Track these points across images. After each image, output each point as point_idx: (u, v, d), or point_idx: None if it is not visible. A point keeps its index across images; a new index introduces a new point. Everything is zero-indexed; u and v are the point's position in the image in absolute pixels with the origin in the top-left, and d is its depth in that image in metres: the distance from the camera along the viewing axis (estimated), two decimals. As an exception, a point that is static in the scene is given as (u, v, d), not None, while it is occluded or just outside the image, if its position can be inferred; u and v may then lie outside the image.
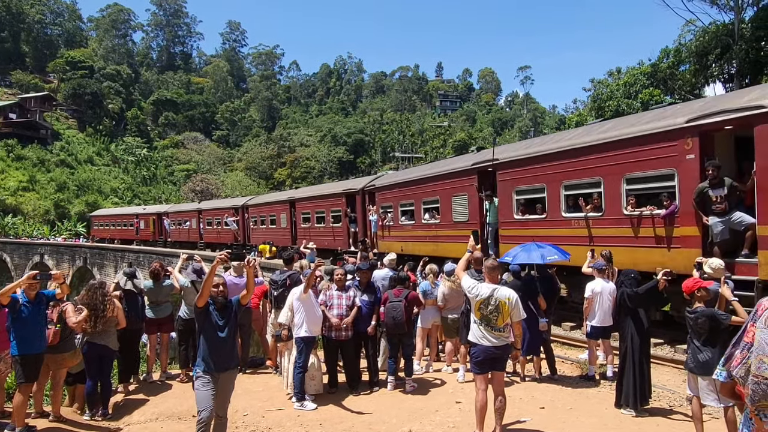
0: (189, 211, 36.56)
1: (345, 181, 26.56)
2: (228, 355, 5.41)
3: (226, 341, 5.35)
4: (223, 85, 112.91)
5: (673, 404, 6.83)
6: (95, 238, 48.20)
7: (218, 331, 5.32)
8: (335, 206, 21.36)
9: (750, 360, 2.77)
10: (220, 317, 5.38)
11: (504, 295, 5.52)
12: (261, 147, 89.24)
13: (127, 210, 49.60)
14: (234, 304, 5.53)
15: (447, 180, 15.02)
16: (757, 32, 26.34)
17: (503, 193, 12.78)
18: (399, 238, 17.38)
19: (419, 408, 6.87)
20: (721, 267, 6.36)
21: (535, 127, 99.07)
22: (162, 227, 38.44)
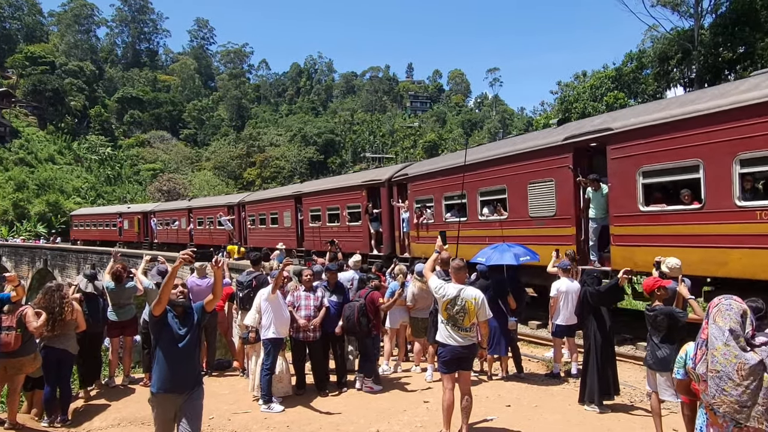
0: (178, 209, 33.55)
1: (366, 171, 22.50)
2: (190, 371, 4.64)
3: (187, 355, 4.58)
4: (190, 83, 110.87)
5: (634, 400, 7.01)
6: (75, 241, 44.32)
7: (177, 342, 4.53)
8: (353, 201, 18.00)
9: (706, 355, 2.88)
10: (181, 326, 4.60)
11: (470, 296, 5.57)
12: (230, 146, 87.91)
13: (110, 209, 45.61)
14: (197, 310, 4.77)
15: (520, 162, 11.53)
16: (715, 38, 27.28)
17: (619, 175, 9.35)
18: None
19: (387, 408, 6.88)
20: (677, 266, 6.55)
21: (504, 128, 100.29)
22: (148, 227, 35.72)
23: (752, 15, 25.31)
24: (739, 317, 2.84)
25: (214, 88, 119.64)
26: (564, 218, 10.52)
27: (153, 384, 4.62)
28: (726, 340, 2.80)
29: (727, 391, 2.75)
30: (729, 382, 2.75)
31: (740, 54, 26.93)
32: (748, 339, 2.80)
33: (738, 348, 2.77)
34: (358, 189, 17.79)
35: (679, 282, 6.03)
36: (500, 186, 12.06)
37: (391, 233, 16.47)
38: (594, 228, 9.97)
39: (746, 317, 2.86)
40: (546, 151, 10.89)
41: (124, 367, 8.75)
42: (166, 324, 4.55)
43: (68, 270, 34.06)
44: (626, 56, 32.69)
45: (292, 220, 21.80)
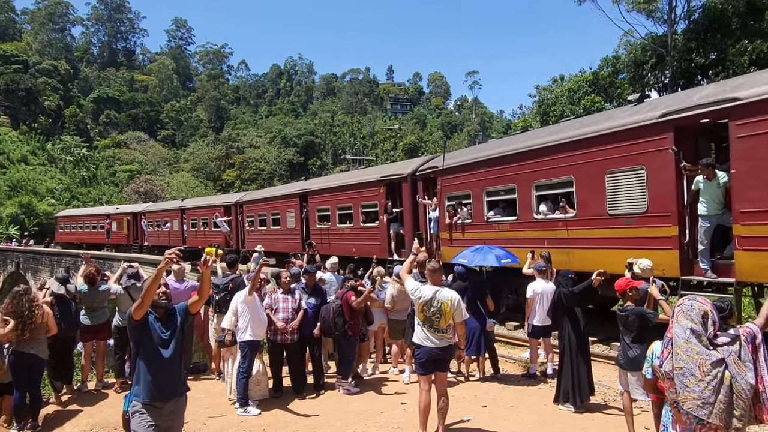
0: (170, 210, 31.52)
1: (384, 165, 20.22)
2: (176, 378, 4.35)
3: (172, 361, 4.27)
4: (168, 83, 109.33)
5: (608, 399, 7.12)
6: (57, 244, 42.14)
7: (162, 348, 4.22)
8: (368, 199, 15.91)
9: (671, 354, 2.96)
10: (164, 329, 4.28)
11: (446, 297, 5.60)
12: (208, 148, 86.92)
13: (97, 210, 43.04)
14: (180, 312, 4.45)
15: (594, 148, 9.54)
16: (688, 44, 27.89)
17: (749, 159, 7.35)
18: (484, 241, 11.33)
19: (364, 410, 6.88)
20: (649, 267, 6.70)
21: (483, 131, 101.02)
22: (138, 229, 34.05)
23: (724, 22, 25.95)
24: (699, 317, 2.93)
25: (193, 88, 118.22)
26: (660, 215, 8.54)
27: (137, 394, 4.22)
28: (687, 338, 2.89)
29: (690, 387, 2.82)
30: (691, 378, 2.82)
31: (712, 60, 27.58)
32: (710, 338, 2.88)
33: (700, 345, 2.85)
34: (376, 185, 15.67)
35: (651, 283, 6.16)
36: (565, 178, 10.15)
37: (415, 233, 13.95)
38: (705, 228, 7.86)
39: (707, 317, 2.94)
40: (633, 132, 8.83)
41: (97, 371, 8.59)
42: (147, 328, 4.23)
43: (41, 273, 33.31)
44: (602, 61, 33.28)
45: (296, 220, 19.53)
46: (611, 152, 9.26)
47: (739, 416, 2.70)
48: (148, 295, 4.10)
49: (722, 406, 2.72)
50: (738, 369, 2.72)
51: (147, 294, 4.10)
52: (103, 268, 10.32)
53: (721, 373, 2.76)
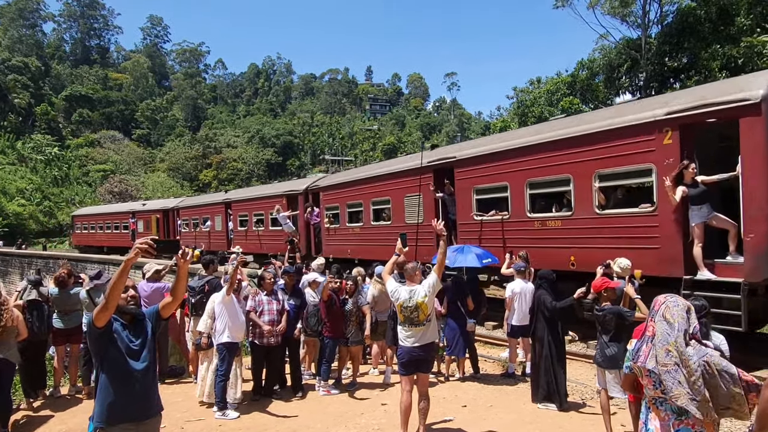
0: (211, 204, 25.34)
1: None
2: (150, 393, 3.73)
3: (145, 374, 3.65)
4: (143, 81, 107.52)
5: (585, 397, 7.22)
6: (75, 247, 36.99)
7: (131, 358, 3.60)
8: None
9: (654, 351, 2.99)
10: (133, 338, 3.67)
11: (420, 294, 5.64)
12: (185, 147, 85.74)
13: (120, 207, 36.51)
14: (150, 317, 3.85)
15: None
16: (661, 48, 28.49)
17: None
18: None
19: (344, 411, 6.84)
20: (628, 266, 6.82)
21: (461, 132, 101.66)
22: (171, 228, 29.17)
23: (696, 27, 26.57)
24: (684, 313, 2.97)
25: (169, 87, 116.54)
26: None
27: (102, 417, 3.53)
28: (676, 337, 2.93)
29: (681, 383, 2.87)
30: (681, 374, 2.87)
31: (684, 64, 28.22)
32: (693, 335, 2.93)
33: (684, 344, 2.90)
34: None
35: (627, 282, 6.27)
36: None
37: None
38: None
39: (691, 313, 2.98)
40: None
41: (70, 376, 8.37)
42: (113, 337, 3.57)
43: (11, 276, 32.51)
44: (578, 63, 33.76)
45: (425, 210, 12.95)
46: None
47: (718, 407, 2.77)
48: (112, 296, 3.41)
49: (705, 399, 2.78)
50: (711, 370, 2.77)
51: (111, 295, 3.41)
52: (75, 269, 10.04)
53: (702, 370, 2.81)
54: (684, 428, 2.86)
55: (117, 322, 3.65)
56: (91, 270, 12.22)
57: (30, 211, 58.98)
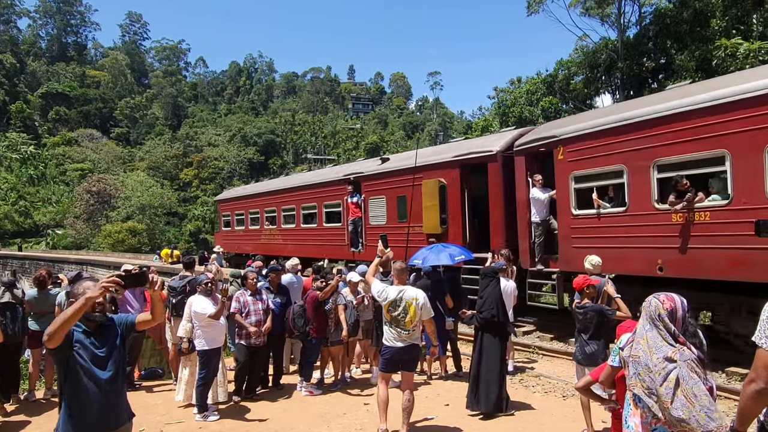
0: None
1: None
2: (117, 404, 3.51)
3: (112, 384, 3.43)
4: (122, 79, 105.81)
5: (566, 394, 7.30)
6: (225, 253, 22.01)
7: (97, 367, 3.36)
8: None
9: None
10: (98, 345, 3.41)
11: (411, 296, 5.65)
12: (165, 146, 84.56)
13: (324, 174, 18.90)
14: (121, 325, 3.61)
15: None
16: (639, 48, 28.90)
17: None
18: None
19: (327, 412, 6.83)
20: (600, 264, 6.92)
21: (444, 131, 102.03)
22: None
23: (673, 28, 27.00)
24: (665, 311, 2.98)
25: (148, 85, 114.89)
26: None
27: (63, 426, 3.34)
28: (647, 331, 2.99)
29: (641, 375, 2.93)
30: (643, 369, 2.92)
31: (661, 64, 28.66)
32: (675, 334, 2.94)
33: (660, 339, 2.94)
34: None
35: (607, 281, 6.37)
36: None
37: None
38: None
39: (675, 314, 2.99)
40: None
41: (45, 379, 8.22)
42: (74, 346, 3.32)
43: (-15, 277, 31.75)
44: (557, 64, 34.05)
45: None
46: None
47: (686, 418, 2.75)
48: (61, 330, 3.16)
49: (667, 399, 2.80)
50: (690, 374, 2.77)
51: (60, 329, 3.15)
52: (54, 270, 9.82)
53: (668, 370, 2.83)
54: (661, 427, 2.90)
55: (79, 330, 3.38)
56: (69, 271, 12.00)
57: (5, 211, 57.76)
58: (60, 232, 58.82)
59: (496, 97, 39.43)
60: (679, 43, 26.64)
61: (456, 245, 9.87)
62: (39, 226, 60.85)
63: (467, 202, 12.41)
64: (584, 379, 3.92)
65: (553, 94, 33.05)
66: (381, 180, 14.81)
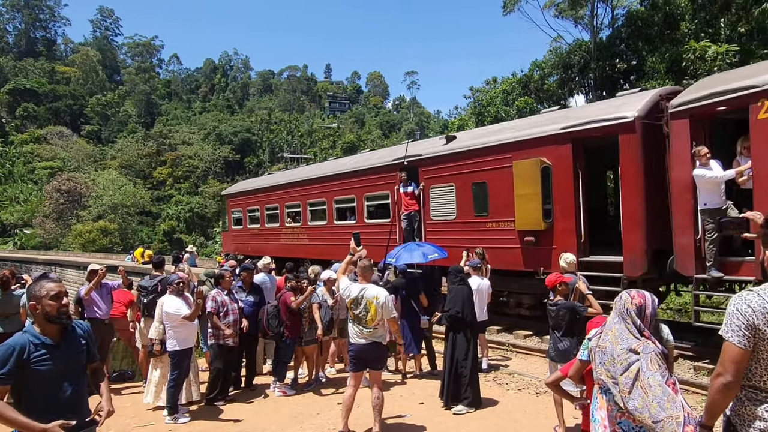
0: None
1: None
2: (81, 408, 3.25)
3: (75, 392, 3.19)
4: (93, 75, 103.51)
5: (540, 391, 7.36)
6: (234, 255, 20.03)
7: (60, 380, 3.12)
8: None
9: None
10: (61, 353, 3.12)
11: (371, 295, 5.63)
12: (138, 144, 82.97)
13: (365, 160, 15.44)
14: (84, 331, 3.35)
15: None
16: (612, 49, 29.42)
17: None
18: None
19: (300, 412, 6.77)
20: (574, 261, 6.99)
21: (421, 130, 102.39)
22: None
23: (644, 30, 27.55)
24: (633, 307, 3.04)
25: (120, 82, 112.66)
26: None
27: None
28: (615, 324, 3.05)
29: (606, 365, 3.01)
30: (608, 359, 3.01)
31: (633, 65, 29.21)
32: (640, 328, 3.00)
33: (627, 332, 3.00)
34: None
35: (579, 278, 6.44)
36: None
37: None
38: None
39: (643, 310, 3.04)
40: None
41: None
42: (29, 361, 3.01)
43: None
44: (532, 64, 34.48)
45: None
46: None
47: (639, 407, 2.82)
48: None
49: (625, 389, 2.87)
50: (649, 365, 2.85)
51: None
52: (19, 270, 9.55)
53: (630, 361, 2.91)
54: (625, 421, 2.94)
55: (36, 345, 3.06)
56: (36, 272, 11.64)
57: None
58: (28, 232, 57.35)
59: (472, 97, 39.68)
60: (650, 45, 27.19)
61: (430, 244, 9.85)
62: (6, 226, 59.25)
63: (581, 189, 9.44)
64: (554, 375, 3.96)
65: (528, 94, 33.42)
66: (448, 164, 11.89)
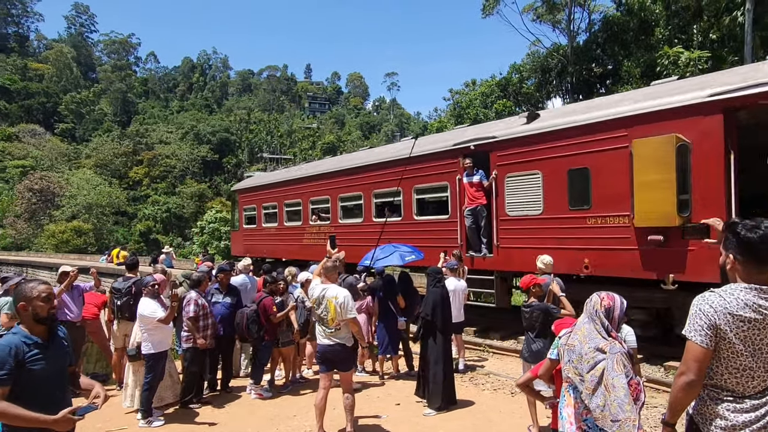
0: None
1: None
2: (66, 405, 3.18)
3: (63, 390, 3.28)
4: (67, 73, 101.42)
5: (515, 391, 7.44)
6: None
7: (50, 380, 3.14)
8: None
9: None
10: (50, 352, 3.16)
11: (331, 295, 5.65)
12: (114, 143, 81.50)
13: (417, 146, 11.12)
14: (65, 334, 3.41)
15: None
16: (588, 54, 29.91)
17: None
18: None
19: (276, 414, 6.74)
20: (551, 263, 7.09)
21: (401, 132, 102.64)
22: None
23: (620, 36, 28.07)
24: (602, 308, 3.12)
25: (96, 79, 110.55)
26: None
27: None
28: (584, 324, 3.12)
29: (574, 363, 3.10)
30: (576, 357, 3.09)
31: (609, 70, 29.73)
32: (608, 329, 3.08)
33: (595, 332, 3.07)
34: None
35: (552, 280, 6.53)
36: None
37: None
38: None
39: (612, 312, 3.12)
40: None
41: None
42: (25, 367, 3.03)
43: None
44: (511, 67, 34.87)
45: None
46: None
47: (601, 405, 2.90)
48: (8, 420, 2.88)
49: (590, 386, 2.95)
50: (615, 366, 2.92)
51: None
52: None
53: (597, 360, 2.98)
54: (590, 418, 3.01)
55: (29, 345, 3.08)
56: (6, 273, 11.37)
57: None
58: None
59: (452, 99, 39.95)
60: (625, 50, 27.71)
61: (407, 245, 9.88)
62: (-25, 226, 57.64)
63: (734, 174, 7.37)
64: (524, 376, 4.02)
65: (507, 97, 33.74)
66: (532, 146, 9.78)
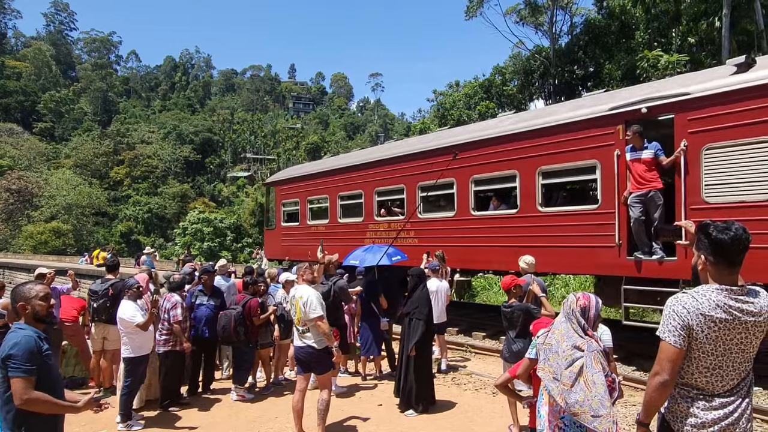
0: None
1: None
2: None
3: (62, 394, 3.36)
4: (46, 71, 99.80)
5: (496, 391, 7.50)
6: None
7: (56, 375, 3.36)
8: None
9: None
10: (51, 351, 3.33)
11: (298, 294, 5.69)
12: (94, 143, 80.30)
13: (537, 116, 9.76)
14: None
15: None
16: (570, 56, 30.27)
17: None
18: None
19: (258, 416, 6.70)
20: (533, 263, 7.15)
21: (385, 132, 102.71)
22: None
23: (601, 38, 28.45)
24: (578, 308, 3.18)
25: (76, 78, 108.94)
26: None
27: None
28: (561, 323, 3.18)
29: (550, 361, 3.15)
30: (553, 355, 3.15)
31: (590, 72, 30.12)
32: (584, 328, 3.14)
33: (572, 331, 3.13)
34: None
35: (533, 280, 6.59)
36: None
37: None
38: None
39: (587, 311, 3.19)
40: None
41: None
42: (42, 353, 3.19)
43: None
44: (494, 69, 35.15)
45: None
46: None
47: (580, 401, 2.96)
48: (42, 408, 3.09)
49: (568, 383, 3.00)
50: (593, 364, 2.98)
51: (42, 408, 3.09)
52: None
53: (575, 357, 3.04)
54: (568, 416, 3.06)
55: (42, 339, 3.23)
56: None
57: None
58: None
59: (435, 100, 40.12)
60: (606, 52, 28.08)
61: (392, 245, 9.90)
62: (-49, 227, 56.36)
63: None
64: (503, 376, 4.06)
65: (490, 98, 34.00)
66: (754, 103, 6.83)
